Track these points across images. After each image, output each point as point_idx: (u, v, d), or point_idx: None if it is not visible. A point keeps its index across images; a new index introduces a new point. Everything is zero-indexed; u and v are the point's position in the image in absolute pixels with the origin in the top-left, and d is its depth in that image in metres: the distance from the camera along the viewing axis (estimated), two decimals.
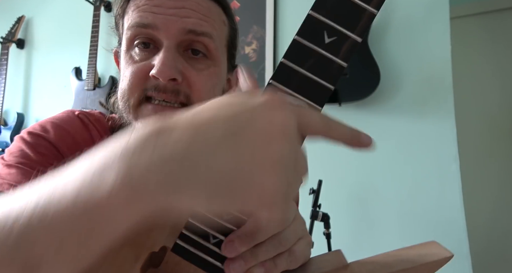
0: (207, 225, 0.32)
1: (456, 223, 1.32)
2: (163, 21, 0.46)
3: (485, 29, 2.06)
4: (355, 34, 0.29)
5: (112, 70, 2.04)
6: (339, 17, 0.29)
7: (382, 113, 1.47)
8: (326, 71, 0.30)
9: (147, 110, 0.48)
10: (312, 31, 0.30)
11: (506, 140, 1.96)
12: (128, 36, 0.49)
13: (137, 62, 0.48)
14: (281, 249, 0.32)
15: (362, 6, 0.29)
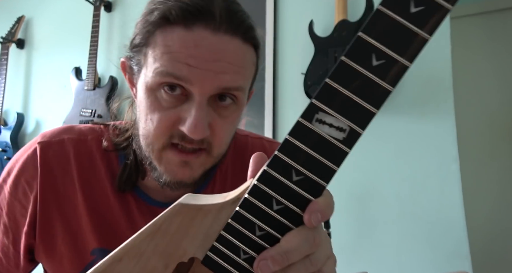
0: (239, 239, 0.33)
1: (456, 223, 1.32)
2: (198, 77, 0.44)
3: (485, 29, 2.05)
4: (404, 59, 0.29)
5: (112, 70, 2.04)
6: (389, 41, 0.28)
7: (382, 113, 1.47)
8: (371, 94, 0.30)
9: (172, 155, 0.48)
10: (360, 53, 0.29)
11: (506, 139, 1.96)
12: (157, 80, 0.46)
13: (164, 108, 0.47)
14: (311, 269, 0.32)
15: (414, 31, 0.28)
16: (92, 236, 0.54)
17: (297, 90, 1.57)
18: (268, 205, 0.32)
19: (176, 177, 0.49)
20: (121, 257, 0.34)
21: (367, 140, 1.50)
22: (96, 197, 0.54)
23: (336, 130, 0.31)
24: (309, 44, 1.54)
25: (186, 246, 0.34)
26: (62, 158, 0.54)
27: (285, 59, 1.67)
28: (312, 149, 0.31)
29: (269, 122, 1.64)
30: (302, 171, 0.31)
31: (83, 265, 0.53)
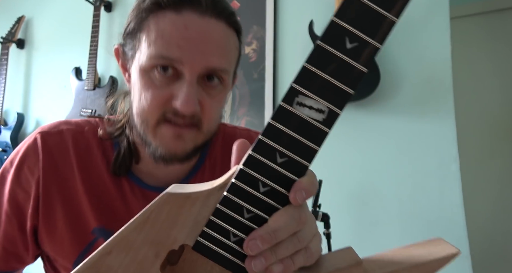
0: (229, 223, 0.34)
1: (456, 223, 1.32)
2: (189, 57, 0.49)
3: (485, 29, 2.05)
4: (375, 41, 0.30)
5: (112, 70, 2.04)
6: (361, 24, 0.30)
7: (382, 113, 1.47)
8: (347, 76, 0.31)
9: (166, 129, 0.52)
10: (334, 37, 0.30)
11: (506, 139, 1.96)
12: (151, 63, 0.50)
13: (157, 87, 0.51)
14: (298, 246, 0.34)
15: (383, 14, 0.29)
16: (92, 216, 0.57)
17: None
18: (255, 187, 0.33)
19: (170, 150, 0.53)
20: (111, 249, 0.34)
21: (367, 139, 1.50)
22: (93, 181, 0.58)
23: (316, 112, 0.32)
24: (309, 44, 1.54)
25: (176, 234, 0.34)
26: (61, 146, 0.58)
27: (285, 59, 1.67)
28: (294, 131, 0.32)
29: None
30: (285, 153, 0.32)
31: (84, 245, 0.56)
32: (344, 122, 1.55)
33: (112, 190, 0.58)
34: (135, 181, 0.60)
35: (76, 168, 0.58)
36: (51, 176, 0.57)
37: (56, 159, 0.57)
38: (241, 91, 1.72)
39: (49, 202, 0.56)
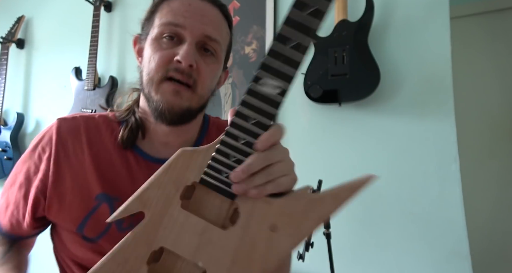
0: (221, 165, 0.50)
1: (456, 223, 1.32)
2: (190, 23, 0.63)
3: (485, 29, 2.06)
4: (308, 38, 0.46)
5: (112, 70, 2.04)
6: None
7: (382, 113, 1.47)
8: (291, 63, 0.47)
9: (167, 86, 0.63)
10: (282, 38, 0.46)
11: (506, 140, 1.96)
12: (161, 30, 0.64)
13: (164, 49, 0.63)
14: (269, 178, 0.48)
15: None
16: (97, 184, 0.65)
17: (297, 90, 1.57)
18: (236, 140, 0.49)
19: (168, 103, 0.63)
20: (148, 186, 0.52)
21: (367, 139, 1.50)
22: (100, 155, 0.68)
23: (274, 87, 0.47)
24: None
25: (188, 174, 0.52)
26: (73, 128, 0.69)
27: None
28: (260, 100, 0.47)
29: None
30: (255, 117, 0.48)
31: (88, 210, 0.64)
32: (344, 122, 1.55)
33: (118, 161, 0.68)
34: (140, 154, 0.69)
35: (86, 145, 0.67)
36: (62, 152, 0.66)
37: (68, 138, 0.67)
38: (241, 91, 1.72)
39: (59, 175, 0.65)
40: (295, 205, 0.50)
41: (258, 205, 0.50)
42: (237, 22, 1.78)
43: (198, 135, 0.75)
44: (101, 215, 0.64)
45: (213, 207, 0.52)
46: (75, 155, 0.67)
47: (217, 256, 0.50)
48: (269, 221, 0.50)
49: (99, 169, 0.66)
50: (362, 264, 1.42)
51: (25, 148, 2.18)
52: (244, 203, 0.50)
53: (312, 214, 0.50)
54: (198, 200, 0.53)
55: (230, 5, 1.80)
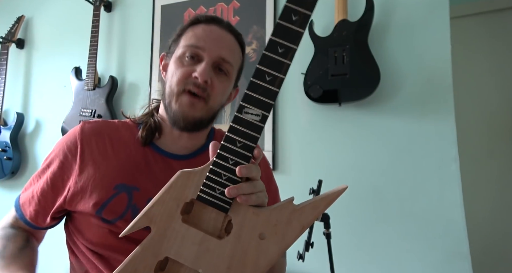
0: (214, 183, 0.58)
1: (456, 223, 1.32)
2: (209, 46, 0.74)
3: (485, 29, 2.06)
4: (281, 74, 0.55)
5: (112, 70, 2.04)
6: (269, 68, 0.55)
7: (382, 113, 1.47)
8: (269, 95, 0.55)
9: (185, 98, 0.74)
10: (259, 74, 0.55)
11: (506, 140, 1.96)
12: (184, 50, 0.75)
13: (185, 66, 0.75)
14: (253, 190, 0.58)
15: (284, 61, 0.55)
16: (117, 175, 0.74)
17: (297, 90, 1.57)
18: (227, 162, 0.57)
19: (184, 113, 0.74)
20: (153, 204, 0.59)
21: (368, 139, 1.50)
22: (121, 150, 0.77)
23: (255, 116, 0.55)
24: (309, 44, 1.54)
25: (187, 192, 0.59)
26: (96, 128, 0.79)
27: None
28: (244, 127, 0.55)
29: (269, 122, 1.64)
30: (241, 140, 0.56)
31: (107, 197, 0.73)
32: (344, 122, 1.55)
33: (137, 155, 0.77)
34: (157, 150, 0.79)
35: (108, 141, 0.77)
36: (87, 149, 0.76)
37: (91, 136, 0.77)
38: (241, 91, 1.72)
39: (83, 168, 0.75)
40: (279, 215, 0.57)
41: (248, 216, 0.58)
42: (237, 22, 1.78)
43: (205, 142, 0.85)
44: (119, 202, 0.73)
45: (210, 219, 0.60)
46: (98, 150, 0.76)
47: (215, 263, 0.58)
48: (258, 230, 0.57)
49: (120, 161, 0.76)
50: (362, 264, 1.42)
51: (25, 148, 2.18)
52: (236, 215, 0.58)
53: (295, 223, 0.57)
54: (196, 214, 0.60)
55: (230, 5, 1.80)
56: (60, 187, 0.75)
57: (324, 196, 0.57)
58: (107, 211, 0.72)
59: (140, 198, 0.74)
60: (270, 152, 1.61)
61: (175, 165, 0.79)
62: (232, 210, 0.58)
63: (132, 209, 0.73)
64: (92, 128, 0.79)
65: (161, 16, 1.94)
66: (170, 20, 1.92)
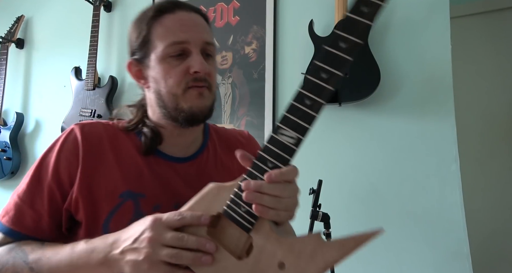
0: (240, 200, 0.56)
1: (456, 223, 1.32)
2: (191, 36, 0.70)
3: (485, 29, 2.06)
4: (322, 100, 0.53)
5: (112, 70, 2.03)
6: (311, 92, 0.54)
7: (382, 113, 1.47)
8: (307, 119, 0.54)
9: (192, 92, 0.70)
10: (300, 99, 0.54)
11: (506, 139, 1.96)
12: (168, 51, 0.69)
13: (175, 66, 0.70)
14: (275, 206, 0.55)
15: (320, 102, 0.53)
16: (121, 183, 0.70)
17: None
18: (255, 180, 0.56)
19: (197, 106, 0.71)
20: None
21: (368, 139, 1.50)
22: (123, 155, 0.73)
23: (290, 138, 0.54)
24: (309, 44, 1.54)
25: (215, 206, 0.59)
26: (95, 133, 0.73)
27: (285, 59, 1.67)
28: (278, 148, 0.55)
29: (269, 122, 1.64)
30: (273, 161, 0.55)
31: (113, 206, 0.69)
32: (344, 122, 1.55)
33: (140, 160, 0.73)
34: (158, 154, 0.75)
35: (109, 147, 0.72)
36: (88, 155, 0.70)
37: (92, 141, 0.71)
38: (241, 91, 1.72)
39: (88, 175, 0.69)
40: (303, 246, 0.54)
41: (270, 241, 0.55)
42: (237, 22, 1.78)
43: (203, 138, 0.83)
44: (125, 211, 0.69)
45: (233, 237, 0.58)
46: (99, 156, 0.71)
47: None
48: (278, 258, 0.55)
49: (122, 168, 0.72)
50: (362, 264, 1.41)
51: (25, 148, 2.18)
52: (258, 238, 0.56)
53: (318, 258, 0.53)
54: (222, 229, 0.59)
55: (230, 5, 1.80)
56: (66, 188, 0.69)
57: (355, 236, 0.55)
58: (113, 222, 0.67)
59: (147, 205, 0.70)
60: None
61: (178, 168, 0.76)
62: (255, 231, 0.56)
63: (139, 218, 0.66)
64: (92, 132, 0.73)
65: None
66: None
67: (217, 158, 0.82)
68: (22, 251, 0.66)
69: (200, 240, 0.56)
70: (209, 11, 1.83)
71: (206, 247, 0.56)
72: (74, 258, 0.61)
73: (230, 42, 1.78)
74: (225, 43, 1.78)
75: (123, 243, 0.58)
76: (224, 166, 0.82)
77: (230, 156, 0.82)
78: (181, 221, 0.57)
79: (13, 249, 0.67)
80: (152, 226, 0.57)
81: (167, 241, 0.56)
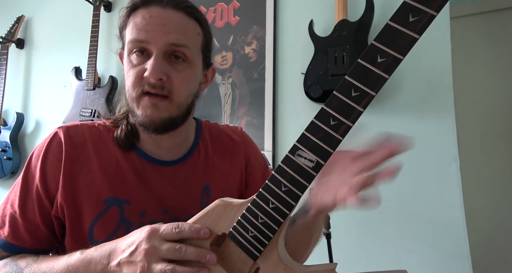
0: (248, 223, 0.52)
1: (456, 223, 1.32)
2: (153, 37, 0.64)
3: (485, 29, 2.06)
4: (349, 121, 0.46)
5: (112, 70, 2.03)
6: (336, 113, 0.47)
7: (382, 113, 1.47)
8: (330, 141, 0.48)
9: (145, 100, 0.65)
10: (322, 117, 0.48)
11: (506, 139, 1.96)
12: (129, 47, 0.66)
13: (135, 65, 0.66)
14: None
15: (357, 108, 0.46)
16: (106, 189, 0.67)
17: (297, 90, 1.57)
18: (267, 204, 0.51)
19: (147, 116, 0.65)
20: None
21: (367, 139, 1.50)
22: (107, 160, 0.70)
23: (308, 161, 0.48)
24: (309, 44, 1.54)
25: (221, 225, 0.55)
26: (80, 136, 0.70)
27: (285, 59, 1.67)
28: (294, 172, 0.49)
29: (269, 122, 1.64)
30: (287, 185, 0.50)
31: (96, 213, 0.66)
32: None
33: (125, 165, 0.70)
34: (144, 157, 0.72)
35: (93, 152, 0.69)
36: (72, 160, 0.68)
37: (76, 145, 0.69)
38: (241, 91, 1.72)
39: (70, 181, 0.67)
40: None
41: (278, 271, 0.52)
42: (237, 22, 1.78)
43: (195, 138, 0.79)
44: (110, 218, 0.66)
45: (238, 260, 0.54)
46: (83, 161, 0.68)
47: None
48: None
49: (107, 174, 0.68)
50: (362, 264, 1.41)
51: (25, 148, 2.18)
52: (265, 266, 0.52)
53: None
54: (226, 250, 0.55)
55: (230, 5, 1.80)
56: (53, 194, 0.67)
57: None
58: (97, 230, 0.65)
59: (132, 212, 0.68)
60: (270, 152, 1.61)
61: (165, 171, 0.72)
62: (262, 259, 0.52)
63: (125, 225, 0.66)
64: (76, 136, 0.70)
65: None
66: None
67: (209, 159, 0.78)
68: (17, 265, 0.63)
69: (200, 251, 0.54)
70: (209, 11, 1.83)
71: (206, 259, 0.53)
72: (71, 272, 0.58)
73: (230, 42, 1.78)
74: (225, 43, 1.78)
75: (120, 254, 0.56)
76: (216, 168, 0.78)
77: (222, 157, 0.80)
78: (179, 233, 0.55)
79: (7, 264, 0.64)
80: (148, 238, 0.54)
81: (163, 254, 0.54)
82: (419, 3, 0.40)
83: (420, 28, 0.41)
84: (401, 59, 0.42)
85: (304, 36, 1.56)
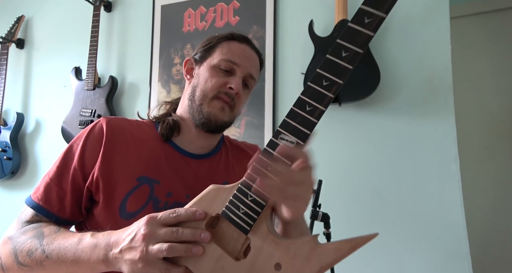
0: (239, 202, 0.59)
1: (456, 223, 1.32)
2: (242, 64, 0.85)
3: (485, 29, 2.06)
4: (322, 106, 0.55)
5: (112, 70, 2.04)
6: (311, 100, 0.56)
7: (382, 113, 1.47)
8: (307, 124, 0.55)
9: (217, 103, 0.83)
10: (300, 103, 0.56)
11: (506, 140, 1.96)
12: (221, 63, 0.84)
13: (220, 76, 0.84)
14: (282, 187, 0.56)
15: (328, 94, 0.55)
16: (139, 168, 0.79)
17: (297, 90, 1.57)
18: (255, 183, 0.57)
19: (215, 116, 0.82)
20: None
21: (367, 139, 1.50)
22: (143, 145, 0.83)
23: (289, 143, 0.55)
24: (309, 44, 1.54)
25: (215, 206, 0.61)
26: (120, 124, 0.84)
27: (285, 59, 1.67)
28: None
29: (269, 122, 1.64)
30: (272, 165, 0.55)
31: (130, 188, 0.76)
32: (344, 122, 1.55)
33: (158, 151, 0.83)
34: (176, 148, 0.85)
35: (131, 137, 0.82)
36: (111, 142, 0.79)
37: (116, 131, 0.81)
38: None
39: (108, 159, 0.78)
40: (299, 249, 0.55)
41: (267, 243, 0.57)
42: (237, 22, 1.78)
43: (217, 144, 0.93)
44: (141, 194, 0.76)
45: (231, 238, 0.60)
46: (122, 144, 0.80)
47: None
48: (274, 259, 0.56)
49: (142, 156, 0.80)
50: (362, 264, 1.42)
51: (25, 148, 2.18)
52: (255, 239, 0.58)
53: (314, 261, 0.54)
54: (221, 230, 0.61)
55: (230, 5, 1.80)
56: (88, 169, 0.77)
57: (350, 239, 0.56)
58: (130, 201, 0.75)
59: (161, 191, 0.77)
60: None
61: (191, 163, 0.84)
62: (253, 233, 0.58)
63: (153, 201, 0.76)
64: (117, 123, 0.84)
65: (161, 16, 1.94)
66: (170, 20, 1.92)
67: (229, 161, 0.91)
68: (41, 232, 0.72)
69: (195, 231, 0.59)
70: (209, 11, 1.83)
71: (201, 237, 0.58)
72: (79, 250, 0.65)
73: None
74: None
75: (122, 242, 0.61)
76: (235, 169, 0.90)
77: (240, 164, 0.92)
78: (176, 217, 0.60)
79: (36, 228, 0.74)
80: (147, 224, 0.60)
81: (161, 237, 0.58)
82: (372, 7, 0.50)
83: (374, 28, 0.50)
84: (361, 53, 0.51)
85: (304, 36, 1.56)
